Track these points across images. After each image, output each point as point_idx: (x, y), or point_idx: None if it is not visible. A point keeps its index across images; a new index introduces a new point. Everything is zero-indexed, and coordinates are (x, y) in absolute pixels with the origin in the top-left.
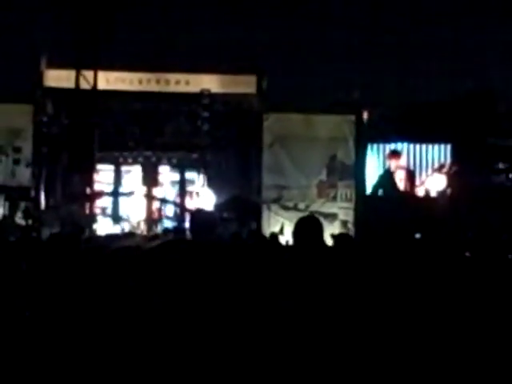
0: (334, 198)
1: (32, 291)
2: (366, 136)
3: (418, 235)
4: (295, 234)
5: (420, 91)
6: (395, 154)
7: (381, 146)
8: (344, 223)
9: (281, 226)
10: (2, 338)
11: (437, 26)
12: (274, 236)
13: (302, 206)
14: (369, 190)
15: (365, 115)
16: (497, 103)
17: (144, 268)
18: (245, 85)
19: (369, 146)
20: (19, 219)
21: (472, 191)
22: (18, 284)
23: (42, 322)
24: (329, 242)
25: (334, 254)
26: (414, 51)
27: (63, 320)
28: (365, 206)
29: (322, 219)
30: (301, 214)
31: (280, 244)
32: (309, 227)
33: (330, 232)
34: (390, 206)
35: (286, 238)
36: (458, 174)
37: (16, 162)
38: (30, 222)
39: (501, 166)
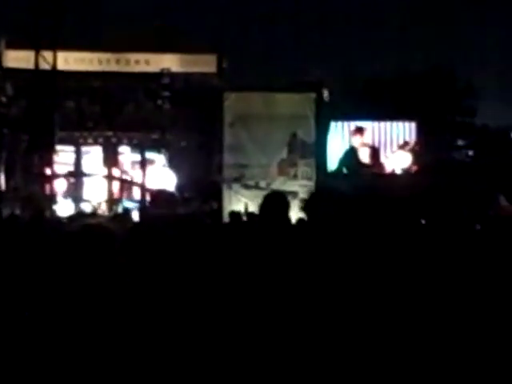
0: (295, 177)
1: None
2: (326, 114)
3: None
4: (262, 209)
5: (378, 68)
6: (359, 130)
7: (345, 123)
8: (304, 201)
9: (245, 206)
10: None
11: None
12: (235, 214)
13: (263, 184)
14: (332, 168)
15: (325, 93)
16: (456, 80)
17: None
18: (205, 64)
19: (332, 124)
20: None
21: (433, 168)
22: None
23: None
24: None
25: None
26: (372, 27)
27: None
28: (325, 184)
29: None
30: (262, 193)
31: (242, 222)
32: (276, 203)
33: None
34: (349, 185)
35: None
36: (421, 151)
37: None
38: None
39: (460, 142)
